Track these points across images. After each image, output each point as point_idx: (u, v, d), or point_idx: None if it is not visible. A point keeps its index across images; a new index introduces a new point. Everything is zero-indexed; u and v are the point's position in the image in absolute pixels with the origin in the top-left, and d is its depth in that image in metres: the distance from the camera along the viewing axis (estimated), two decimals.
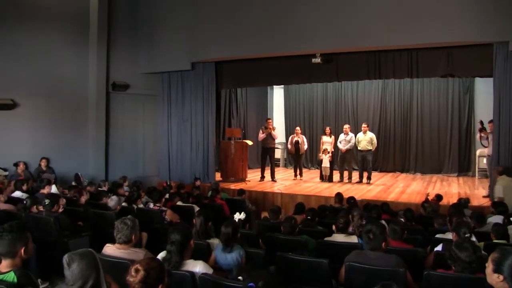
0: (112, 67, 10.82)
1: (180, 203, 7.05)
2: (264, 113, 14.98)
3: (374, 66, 9.35)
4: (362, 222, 4.86)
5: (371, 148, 10.81)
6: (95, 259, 2.50)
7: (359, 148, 10.91)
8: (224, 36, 9.94)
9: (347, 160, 11.21)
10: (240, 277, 3.17)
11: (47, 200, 5.49)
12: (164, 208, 6.36)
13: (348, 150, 11.02)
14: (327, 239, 4.62)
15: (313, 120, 14.65)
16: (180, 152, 11.33)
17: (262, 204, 9.28)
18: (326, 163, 11.17)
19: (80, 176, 9.34)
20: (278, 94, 15.56)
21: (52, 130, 9.84)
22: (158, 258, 3.13)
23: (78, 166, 9.84)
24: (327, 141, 11.36)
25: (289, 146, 11.92)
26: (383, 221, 4.86)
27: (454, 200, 7.88)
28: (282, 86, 14.79)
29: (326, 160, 11.15)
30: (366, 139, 10.79)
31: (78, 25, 10.31)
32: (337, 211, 6.26)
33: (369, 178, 10.84)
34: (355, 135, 11.01)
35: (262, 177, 11.33)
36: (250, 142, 11.67)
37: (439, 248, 4.17)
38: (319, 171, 11.71)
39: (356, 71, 9.69)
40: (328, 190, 9.82)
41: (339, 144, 11.16)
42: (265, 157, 11.39)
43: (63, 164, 9.72)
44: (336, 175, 11.29)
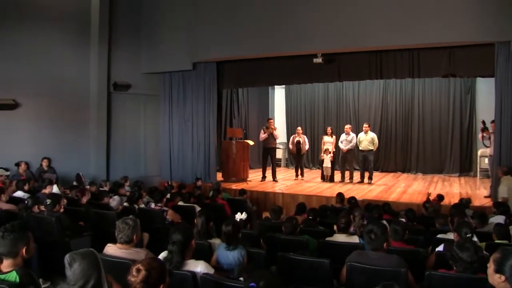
0: (113, 67, 10.82)
1: (182, 203, 7.05)
2: (265, 113, 14.96)
3: (375, 66, 9.33)
4: (363, 222, 4.85)
5: (373, 148, 10.81)
6: (97, 259, 2.50)
7: (360, 148, 10.91)
8: (225, 36, 9.95)
9: (348, 160, 11.21)
10: (241, 277, 3.17)
11: (48, 200, 5.49)
12: (165, 208, 6.37)
13: (349, 150, 11.02)
14: (328, 239, 4.62)
15: (314, 120, 14.64)
16: (182, 152, 11.34)
17: (263, 204, 9.28)
18: (327, 163, 11.17)
19: (81, 176, 9.34)
20: (279, 94, 15.56)
21: (53, 130, 9.84)
22: (160, 258, 3.13)
23: (79, 166, 9.85)
24: (328, 141, 11.36)
25: (290, 146, 11.92)
26: (384, 221, 4.86)
27: (456, 200, 7.86)
28: (284, 86, 14.78)
29: (327, 160, 11.15)
30: (368, 139, 10.78)
31: (80, 25, 10.32)
32: (338, 211, 6.26)
33: (370, 178, 10.84)
34: (357, 135, 11.01)
35: (264, 177, 11.33)
36: (251, 142, 11.68)
37: (440, 248, 4.17)
38: (320, 171, 11.71)
39: (358, 71, 9.68)
40: (329, 190, 9.82)
41: (340, 144, 11.16)
42: (266, 157, 11.39)
43: (65, 164, 9.72)
44: (337, 175, 11.29)
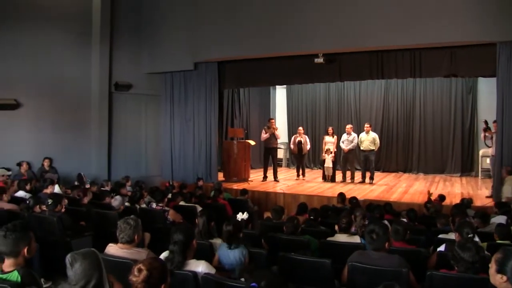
0: (114, 67, 10.83)
1: (183, 203, 7.05)
2: (266, 113, 14.96)
3: (376, 66, 9.33)
4: (365, 222, 4.85)
5: (374, 148, 10.79)
6: (98, 259, 2.50)
7: (361, 148, 10.89)
8: (226, 36, 9.95)
9: (349, 160, 11.20)
10: (242, 278, 3.16)
11: (50, 200, 5.50)
12: (166, 208, 6.37)
13: (350, 150, 11.00)
14: (329, 239, 4.62)
15: (315, 120, 14.64)
16: (183, 152, 11.35)
17: (265, 204, 9.28)
18: (328, 163, 11.16)
19: (82, 176, 9.36)
20: (280, 94, 15.55)
21: (55, 130, 9.86)
22: (161, 258, 3.13)
23: (80, 166, 9.86)
24: (329, 141, 11.36)
25: (291, 146, 11.92)
26: (385, 221, 4.86)
27: (457, 200, 7.85)
28: (285, 86, 14.78)
29: (328, 160, 11.15)
30: (369, 139, 10.76)
31: (81, 25, 10.33)
32: (339, 211, 6.25)
33: (371, 178, 10.82)
34: (358, 135, 10.99)
35: (265, 177, 11.32)
36: (252, 142, 11.67)
37: (442, 248, 4.16)
38: (321, 171, 11.69)
39: (359, 71, 9.68)
40: (331, 190, 9.81)
41: (341, 144, 11.15)
42: (267, 157, 11.39)
43: (66, 164, 9.74)
44: (339, 175, 11.27)
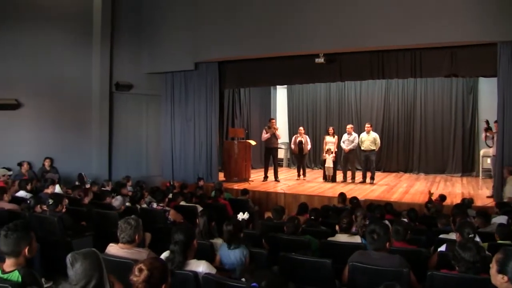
0: (115, 67, 10.84)
1: (183, 203, 7.05)
2: (267, 113, 14.97)
3: (377, 66, 9.32)
4: (366, 222, 4.85)
5: (375, 148, 10.79)
6: (98, 259, 2.50)
7: (362, 148, 10.89)
8: (226, 36, 9.95)
9: (350, 160, 11.20)
10: (243, 278, 3.16)
11: (50, 200, 5.50)
12: (167, 208, 6.37)
13: (351, 150, 11.00)
14: (330, 239, 4.61)
15: (316, 120, 14.63)
16: (184, 152, 11.35)
17: (266, 204, 9.27)
18: (329, 163, 11.16)
19: (83, 176, 9.37)
20: (281, 94, 15.55)
21: (55, 130, 9.87)
22: (162, 258, 3.13)
23: (81, 166, 9.87)
24: (330, 141, 11.35)
25: (292, 146, 11.92)
26: (386, 221, 4.86)
27: (458, 200, 7.85)
28: (285, 86, 14.78)
29: (329, 160, 11.14)
30: (370, 139, 10.76)
31: (82, 25, 10.34)
32: (340, 211, 6.24)
33: (372, 178, 10.81)
34: (359, 135, 10.98)
35: (266, 177, 11.32)
36: (253, 142, 11.67)
37: (442, 248, 4.16)
38: (322, 171, 11.70)
39: (360, 71, 9.68)
40: (331, 190, 9.81)
41: (342, 144, 11.15)
42: (268, 157, 11.39)
43: (67, 164, 9.74)
44: (340, 175, 11.27)
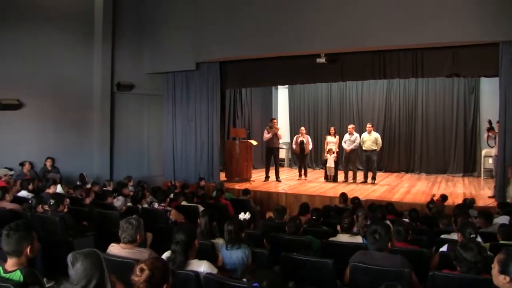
0: (117, 67, 10.86)
1: (185, 203, 7.06)
2: (268, 113, 14.97)
3: (378, 66, 9.32)
4: (367, 222, 4.85)
5: (376, 148, 10.78)
6: (99, 259, 2.50)
7: (363, 148, 10.88)
8: (228, 36, 9.95)
9: (351, 160, 11.20)
10: (244, 278, 3.16)
11: (52, 200, 5.50)
12: (168, 208, 6.37)
13: (352, 150, 11.00)
14: (331, 239, 4.61)
15: (317, 120, 14.63)
16: (185, 152, 11.36)
17: (267, 204, 9.28)
18: (331, 163, 11.15)
19: (85, 176, 9.38)
20: (282, 94, 15.56)
21: (57, 130, 9.88)
22: (163, 258, 3.14)
23: (83, 165, 9.89)
24: (331, 141, 11.34)
25: (293, 146, 11.92)
26: (387, 221, 4.85)
27: (459, 200, 7.84)
28: (287, 86, 14.78)
29: (331, 160, 11.13)
30: (371, 139, 10.75)
31: (83, 25, 10.35)
32: (341, 211, 6.23)
33: (373, 178, 10.81)
34: (360, 135, 10.98)
35: (267, 177, 11.32)
36: (254, 142, 11.67)
37: (444, 248, 4.15)
38: (323, 171, 11.68)
39: (361, 71, 9.67)
40: (333, 190, 9.80)
41: (343, 144, 11.15)
42: (269, 157, 11.39)
43: (68, 163, 9.76)
44: (341, 175, 11.26)
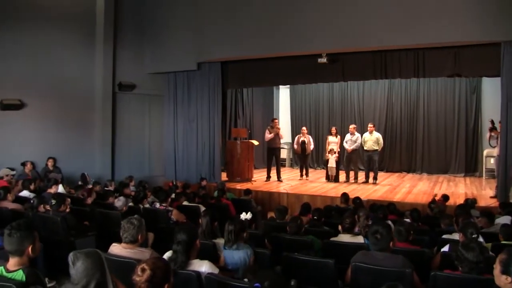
0: (118, 67, 10.87)
1: (186, 203, 7.06)
2: (270, 113, 14.97)
3: (380, 66, 9.31)
4: (368, 223, 4.84)
5: (377, 148, 10.77)
6: (101, 259, 2.49)
7: (365, 148, 10.88)
8: (229, 36, 9.95)
9: (353, 160, 11.19)
10: (246, 278, 3.16)
11: (53, 200, 5.51)
12: (170, 208, 6.37)
13: (354, 150, 10.99)
14: (333, 239, 4.61)
15: (319, 120, 14.62)
16: (186, 152, 11.36)
17: (268, 204, 9.27)
18: (332, 163, 11.15)
19: (86, 175, 9.38)
20: (284, 94, 15.55)
21: (59, 130, 9.88)
22: (164, 258, 3.14)
23: (84, 165, 9.89)
24: (333, 141, 11.33)
25: (295, 146, 11.91)
26: (389, 221, 4.84)
27: (461, 200, 7.83)
28: (288, 86, 14.78)
29: (332, 160, 11.13)
30: (372, 139, 10.75)
31: (85, 25, 10.37)
32: (343, 211, 6.23)
33: (375, 178, 10.80)
34: (361, 135, 10.97)
35: (268, 177, 11.32)
36: (256, 142, 11.66)
37: (446, 248, 4.14)
38: (325, 171, 11.67)
39: (362, 71, 9.66)
40: (334, 190, 9.79)
41: (345, 144, 11.14)
42: (271, 157, 11.38)
43: (70, 163, 9.77)
44: (342, 175, 11.26)
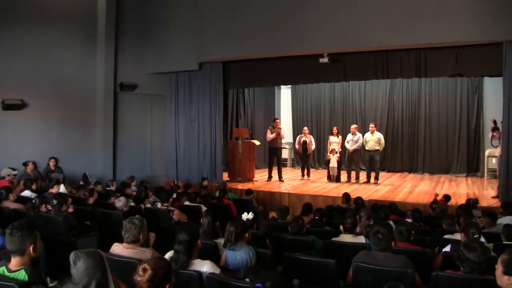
0: (119, 67, 10.87)
1: (188, 203, 7.06)
2: (271, 113, 14.96)
3: (381, 65, 9.29)
4: (370, 223, 4.83)
5: (379, 148, 10.76)
6: (102, 259, 2.49)
7: (366, 148, 10.87)
8: (230, 36, 9.95)
9: (354, 160, 11.18)
10: (247, 278, 3.16)
11: (54, 200, 5.52)
12: (171, 208, 6.38)
13: (355, 150, 10.98)
14: (334, 239, 4.61)
15: (320, 120, 14.61)
16: (188, 152, 11.36)
17: (270, 204, 9.27)
18: (333, 163, 11.14)
19: (88, 175, 9.39)
20: (285, 94, 15.54)
21: (60, 130, 9.90)
22: (166, 258, 3.14)
23: (86, 165, 9.91)
24: (334, 141, 11.33)
25: (296, 146, 11.91)
26: (390, 221, 4.84)
27: (463, 200, 7.81)
28: (290, 86, 14.76)
29: (333, 160, 11.12)
30: (374, 139, 10.73)
31: (86, 25, 10.38)
32: (344, 211, 6.24)
33: (376, 178, 10.79)
34: (363, 135, 10.96)
35: (270, 177, 11.32)
36: (257, 142, 11.66)
37: (447, 249, 4.14)
38: (326, 171, 11.68)
39: (364, 71, 9.64)
40: (336, 190, 9.79)
41: (346, 144, 11.13)
42: (272, 157, 11.38)
43: (71, 163, 9.78)
44: (344, 175, 11.25)
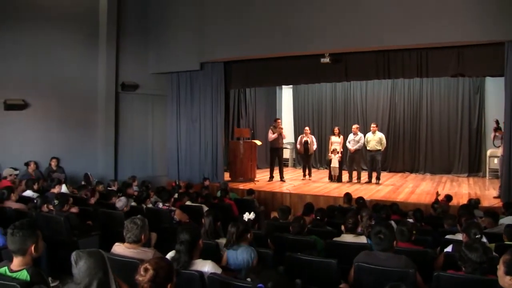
0: (121, 67, 10.89)
1: (189, 203, 7.06)
2: (273, 113, 14.95)
3: (383, 65, 9.28)
4: (371, 223, 4.83)
5: (380, 148, 10.75)
6: (103, 259, 2.49)
7: (368, 148, 10.86)
8: (232, 36, 9.96)
9: (356, 160, 11.17)
10: (248, 278, 3.16)
11: (56, 200, 5.53)
12: (173, 208, 6.38)
13: (357, 150, 10.97)
14: (336, 239, 4.60)
15: (322, 120, 14.61)
16: (189, 152, 11.37)
17: (271, 204, 9.27)
18: (335, 163, 11.14)
19: (89, 175, 9.41)
20: (287, 94, 15.53)
21: (62, 130, 9.92)
22: (167, 258, 3.14)
23: (87, 165, 9.93)
24: (336, 141, 11.33)
25: (298, 146, 11.90)
26: (392, 221, 4.83)
27: (464, 200, 7.81)
28: (291, 86, 14.76)
29: (335, 160, 11.12)
30: (375, 139, 10.72)
31: (88, 25, 10.40)
32: (346, 212, 6.23)
33: (378, 178, 10.78)
34: (364, 135, 10.95)
35: (271, 177, 11.32)
36: (259, 142, 11.66)
37: (449, 249, 4.13)
38: (328, 171, 11.67)
39: (365, 71, 9.64)
40: (337, 190, 9.79)
41: (348, 144, 11.12)
42: (274, 157, 11.37)
43: (73, 163, 9.80)
44: (345, 175, 11.24)
